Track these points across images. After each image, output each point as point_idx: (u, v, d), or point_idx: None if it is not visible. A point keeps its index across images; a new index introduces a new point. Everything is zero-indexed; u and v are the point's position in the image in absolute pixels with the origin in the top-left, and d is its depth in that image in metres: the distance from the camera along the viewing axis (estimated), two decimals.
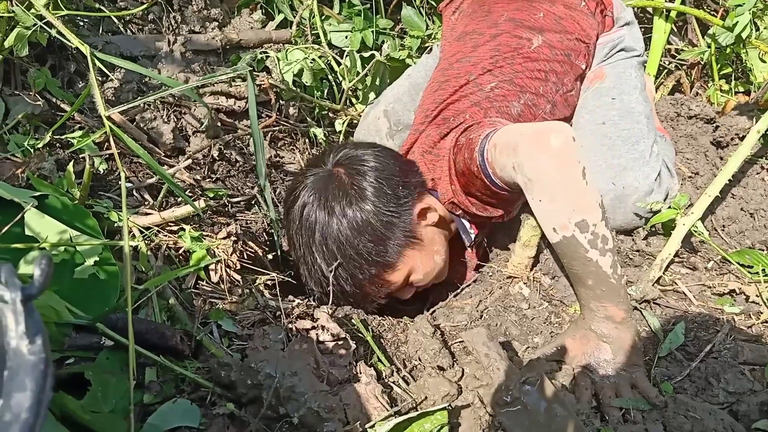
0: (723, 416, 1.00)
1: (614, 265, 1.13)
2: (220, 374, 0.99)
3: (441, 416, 0.93)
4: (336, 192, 1.36)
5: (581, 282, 1.16)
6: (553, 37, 1.56)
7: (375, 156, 1.42)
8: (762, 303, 1.26)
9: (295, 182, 1.45)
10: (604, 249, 1.12)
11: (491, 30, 1.60)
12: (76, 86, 1.58)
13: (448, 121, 1.50)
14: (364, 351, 1.16)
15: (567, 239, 1.13)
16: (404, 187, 1.40)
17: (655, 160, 1.47)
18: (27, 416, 0.47)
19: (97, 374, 0.93)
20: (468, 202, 1.43)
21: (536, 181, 1.15)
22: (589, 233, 1.12)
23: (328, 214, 1.35)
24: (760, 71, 1.99)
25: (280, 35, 2.04)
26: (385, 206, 1.36)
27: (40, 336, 0.50)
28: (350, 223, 1.34)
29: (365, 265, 1.36)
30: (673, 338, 1.20)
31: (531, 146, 1.16)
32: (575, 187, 1.13)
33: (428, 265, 1.46)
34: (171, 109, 1.64)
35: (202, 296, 1.19)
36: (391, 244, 1.38)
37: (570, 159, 1.13)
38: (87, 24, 1.70)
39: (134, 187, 1.41)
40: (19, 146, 1.30)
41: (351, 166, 1.40)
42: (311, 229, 1.36)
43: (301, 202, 1.38)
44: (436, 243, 1.48)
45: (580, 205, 1.13)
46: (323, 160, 1.44)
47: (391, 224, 1.37)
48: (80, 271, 1.05)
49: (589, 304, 1.16)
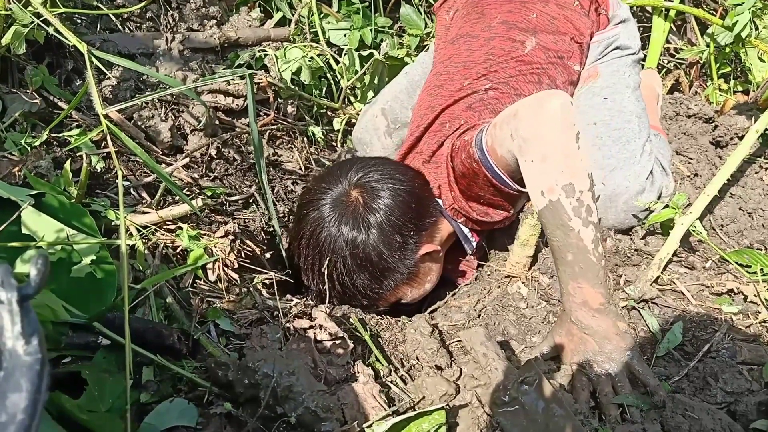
0: (721, 416, 1.00)
1: (596, 241, 1.12)
2: (217, 373, 0.99)
3: (439, 416, 0.93)
4: (349, 221, 1.35)
5: (561, 257, 1.14)
6: (547, 39, 1.56)
7: (395, 194, 1.37)
8: (760, 303, 1.26)
9: (312, 195, 1.43)
10: (588, 220, 1.12)
11: (485, 33, 1.61)
12: (74, 84, 1.57)
13: (444, 127, 1.51)
14: (361, 350, 1.16)
15: (552, 204, 1.13)
16: (416, 233, 1.39)
17: (647, 159, 1.47)
18: (22, 417, 0.46)
19: (94, 373, 0.92)
20: (469, 208, 1.44)
21: (530, 141, 1.16)
22: (574, 199, 1.12)
23: (336, 239, 1.35)
24: (759, 71, 1.99)
25: (279, 33, 2.04)
26: (390, 253, 1.36)
27: (36, 336, 0.49)
28: (353, 258, 1.35)
29: (358, 296, 1.39)
30: (671, 338, 1.19)
31: (530, 107, 1.19)
32: (567, 148, 1.14)
33: (418, 292, 1.49)
34: (169, 108, 1.63)
35: (200, 295, 1.19)
36: (386, 283, 1.39)
37: (566, 121, 1.15)
38: (85, 22, 1.70)
39: (131, 186, 1.40)
40: (16, 144, 1.29)
41: (369, 197, 1.37)
42: (317, 249, 1.37)
43: (314, 216, 1.37)
44: (431, 273, 1.48)
45: (570, 168, 1.13)
46: (344, 175, 1.41)
47: (392, 269, 1.38)
48: (77, 270, 1.04)
49: (568, 287, 1.14)
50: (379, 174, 1.41)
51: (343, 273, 1.35)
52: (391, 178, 1.40)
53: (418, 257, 1.40)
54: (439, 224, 1.49)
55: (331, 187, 1.40)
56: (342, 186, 1.40)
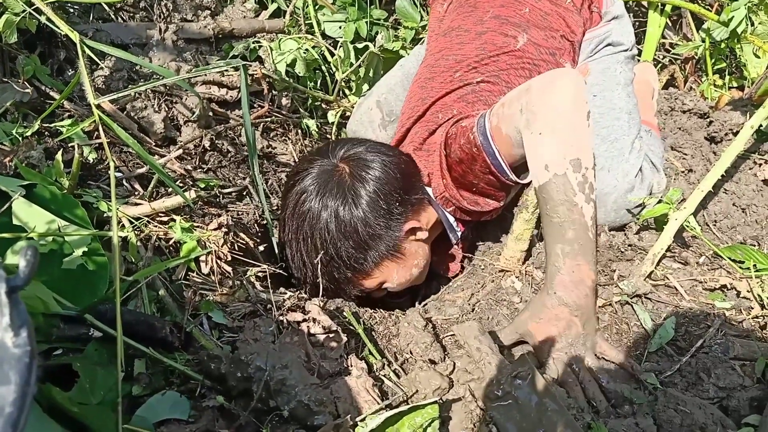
0: (713, 411, 1.00)
1: (593, 219, 1.13)
2: (210, 366, 0.98)
3: (432, 410, 0.93)
4: (334, 189, 1.35)
5: (560, 235, 1.14)
6: (539, 35, 1.55)
7: (382, 165, 1.39)
8: (753, 298, 1.26)
9: (300, 167, 1.44)
10: (590, 197, 1.13)
11: (477, 27, 1.60)
12: (66, 74, 1.56)
13: (436, 117, 1.50)
14: (355, 344, 1.16)
15: (557, 178, 1.13)
16: (401, 204, 1.39)
17: (636, 157, 1.47)
18: (11, 410, 0.46)
19: (85, 366, 0.92)
20: (459, 196, 1.43)
21: (541, 114, 1.17)
22: (580, 174, 1.12)
23: (321, 208, 1.35)
24: (754, 67, 1.99)
25: (273, 25, 2.03)
26: (375, 219, 1.35)
27: (26, 328, 0.49)
28: (338, 225, 1.34)
29: (342, 267, 1.38)
30: (662, 333, 1.20)
31: (544, 82, 1.20)
32: (578, 124, 1.15)
33: (404, 276, 1.46)
34: (162, 99, 1.62)
35: (193, 288, 1.18)
36: (371, 254, 1.38)
37: (578, 97, 1.15)
38: (77, 11, 1.68)
39: (124, 177, 1.39)
40: (8, 134, 1.28)
41: (356, 167, 1.38)
42: (302, 218, 1.37)
43: (300, 188, 1.38)
44: (417, 257, 1.47)
45: (579, 143, 1.14)
46: (332, 152, 1.43)
47: (376, 236, 1.37)
48: (69, 262, 1.03)
49: (564, 266, 1.13)
50: (366, 147, 1.43)
51: (327, 240, 1.35)
52: (379, 152, 1.42)
53: (403, 232, 1.40)
54: (426, 206, 1.48)
55: (319, 161, 1.41)
56: (330, 160, 1.41)
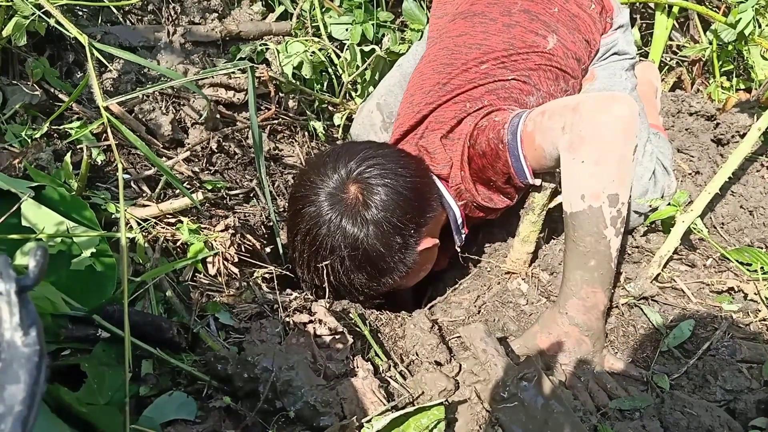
0: (720, 413, 1.00)
1: (618, 251, 1.13)
2: (216, 367, 0.99)
3: (438, 411, 0.93)
4: (348, 221, 1.27)
5: (582, 263, 1.13)
6: (567, 37, 1.52)
7: (393, 190, 1.29)
8: (760, 301, 1.25)
9: (306, 182, 1.34)
10: (619, 231, 1.12)
11: (504, 19, 1.53)
12: (75, 76, 1.57)
13: (463, 105, 1.43)
14: (361, 345, 1.16)
15: (592, 210, 1.11)
16: (415, 231, 1.32)
17: (648, 160, 1.46)
18: (20, 409, 0.46)
19: (93, 366, 0.92)
20: (475, 191, 1.39)
21: (588, 140, 1.12)
22: (615, 210, 1.11)
23: (335, 239, 1.28)
24: (761, 68, 1.98)
25: (280, 27, 2.03)
26: (390, 255, 1.29)
27: (35, 328, 0.49)
28: (352, 258, 1.28)
29: (355, 293, 1.35)
30: (677, 333, 1.19)
31: (597, 105, 1.15)
32: (625, 158, 1.12)
33: (412, 281, 1.46)
34: (170, 101, 1.63)
35: (200, 289, 1.19)
36: (384, 281, 1.35)
37: (630, 130, 1.12)
38: (86, 14, 1.69)
39: (132, 179, 1.40)
40: (17, 136, 1.29)
41: (366, 193, 1.28)
42: (315, 249, 1.30)
43: (310, 214, 1.30)
44: (427, 261, 1.44)
45: (621, 178, 1.11)
46: (340, 165, 1.32)
47: (390, 270, 1.33)
48: (77, 263, 1.04)
49: (581, 291, 1.14)
50: (379, 169, 1.31)
51: (340, 272, 1.30)
52: (393, 173, 1.31)
53: (417, 254, 1.35)
54: (440, 216, 1.44)
55: (327, 180, 1.30)
56: (338, 177, 1.30)
